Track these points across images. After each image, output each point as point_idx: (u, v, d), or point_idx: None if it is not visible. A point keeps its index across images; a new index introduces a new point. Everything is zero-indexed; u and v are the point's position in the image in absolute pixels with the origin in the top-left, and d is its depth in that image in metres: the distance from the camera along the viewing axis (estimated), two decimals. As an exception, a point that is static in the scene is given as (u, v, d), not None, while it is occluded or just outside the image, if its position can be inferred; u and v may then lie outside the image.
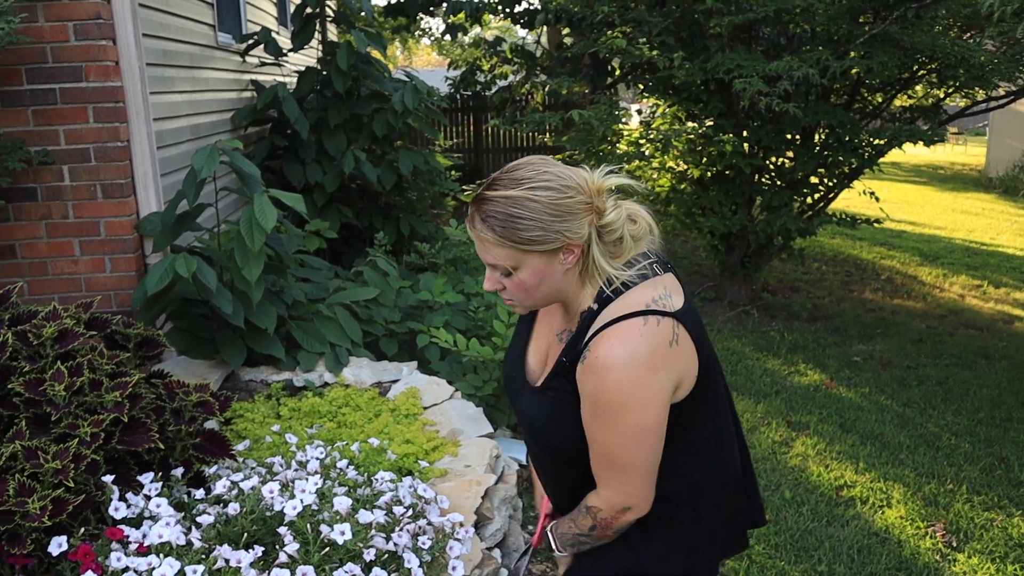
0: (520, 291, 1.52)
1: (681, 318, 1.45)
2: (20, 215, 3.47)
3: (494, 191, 1.46)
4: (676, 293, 1.50)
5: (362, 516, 2.01)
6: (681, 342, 1.44)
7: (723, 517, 1.66)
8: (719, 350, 5.86)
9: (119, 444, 2.17)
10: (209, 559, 1.93)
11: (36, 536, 1.92)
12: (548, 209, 1.42)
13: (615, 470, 1.50)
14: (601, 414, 1.45)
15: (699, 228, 6.75)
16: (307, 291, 3.94)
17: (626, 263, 1.50)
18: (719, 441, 1.63)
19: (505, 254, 1.46)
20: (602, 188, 1.48)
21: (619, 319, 1.44)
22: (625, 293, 1.47)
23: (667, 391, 1.45)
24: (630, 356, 1.41)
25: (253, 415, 3.08)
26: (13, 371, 2.21)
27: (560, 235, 1.43)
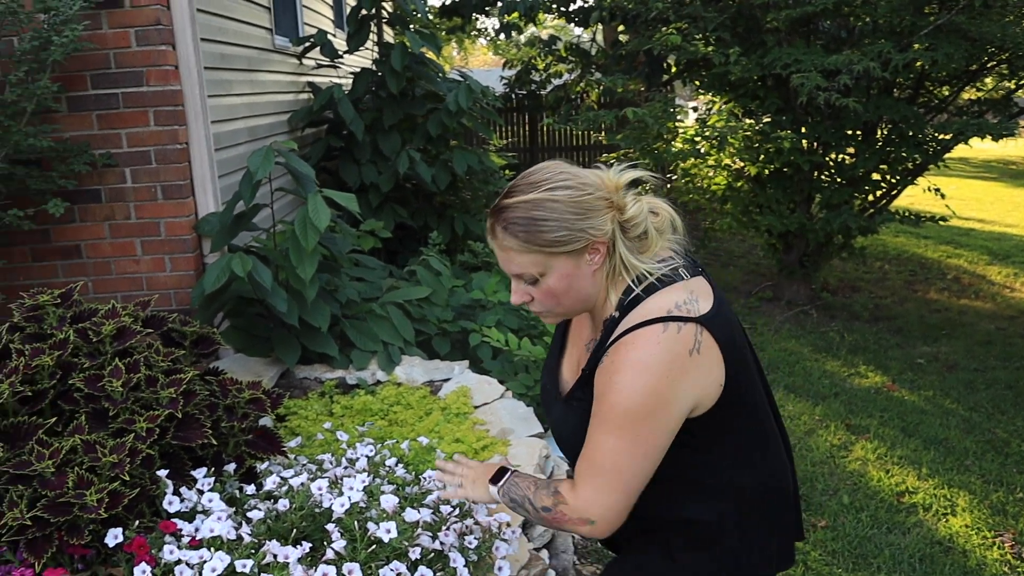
0: (549, 298, 1.50)
1: (706, 323, 1.41)
2: (85, 216, 3.57)
3: (512, 198, 1.44)
4: (704, 297, 1.45)
5: (408, 515, 2.02)
6: (704, 349, 1.40)
7: (774, 528, 1.61)
8: (776, 351, 5.76)
9: (173, 439, 2.22)
10: (258, 554, 1.95)
11: (93, 527, 1.97)
12: (570, 207, 1.41)
13: (600, 473, 1.44)
14: (605, 413, 1.42)
15: (756, 227, 6.64)
16: (361, 290, 3.98)
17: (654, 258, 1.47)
18: (765, 447, 1.58)
19: (531, 260, 1.44)
20: (619, 184, 1.46)
21: (639, 325, 1.40)
22: (646, 299, 1.44)
23: (681, 402, 1.41)
24: (646, 363, 1.38)
25: (306, 412, 3.12)
26: (74, 367, 2.28)
27: (584, 233, 1.41)
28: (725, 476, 1.53)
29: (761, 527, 1.58)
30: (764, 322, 6.43)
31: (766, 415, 1.60)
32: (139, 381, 2.25)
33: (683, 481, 1.52)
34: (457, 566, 2.03)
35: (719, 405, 1.45)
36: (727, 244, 9.16)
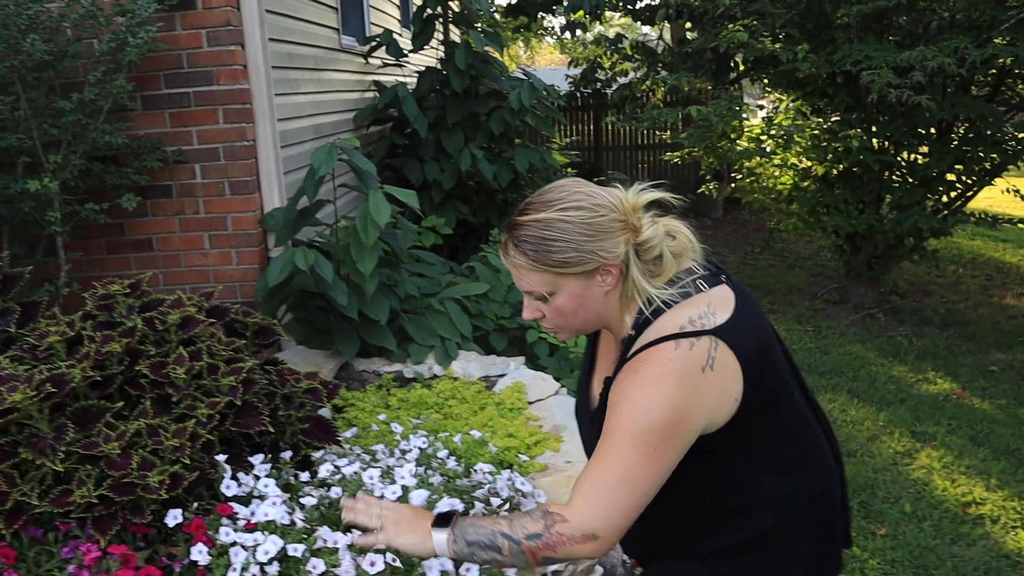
0: (559, 317, 1.48)
1: (722, 334, 1.38)
2: (156, 211, 3.71)
3: (525, 216, 1.44)
4: (723, 307, 1.42)
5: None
6: (718, 364, 1.37)
7: (818, 536, 1.56)
8: (840, 354, 5.65)
9: (232, 426, 2.29)
10: (310, 539, 2.01)
11: (155, 508, 2.05)
12: (580, 229, 1.39)
13: (606, 486, 1.38)
14: (617, 428, 1.38)
15: (823, 228, 6.51)
16: (420, 285, 4.04)
17: (669, 281, 1.45)
18: (804, 452, 1.54)
19: (540, 279, 1.43)
20: (637, 205, 1.45)
21: (652, 343, 1.39)
22: (662, 316, 1.41)
23: (695, 419, 1.38)
24: (658, 379, 1.36)
25: (363, 404, 3.18)
26: (141, 354, 2.37)
27: (595, 255, 1.40)
28: (760, 487, 1.49)
29: (804, 535, 1.54)
30: (829, 325, 6.30)
31: (801, 419, 1.55)
32: (201, 369, 2.33)
33: (718, 500, 1.50)
34: (502, 559, 2.04)
35: (741, 417, 1.42)
36: (793, 245, 9.00)
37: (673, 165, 8.97)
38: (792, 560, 1.53)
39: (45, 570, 1.99)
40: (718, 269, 1.52)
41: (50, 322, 2.47)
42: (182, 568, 2.01)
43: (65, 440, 2.08)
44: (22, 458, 2.06)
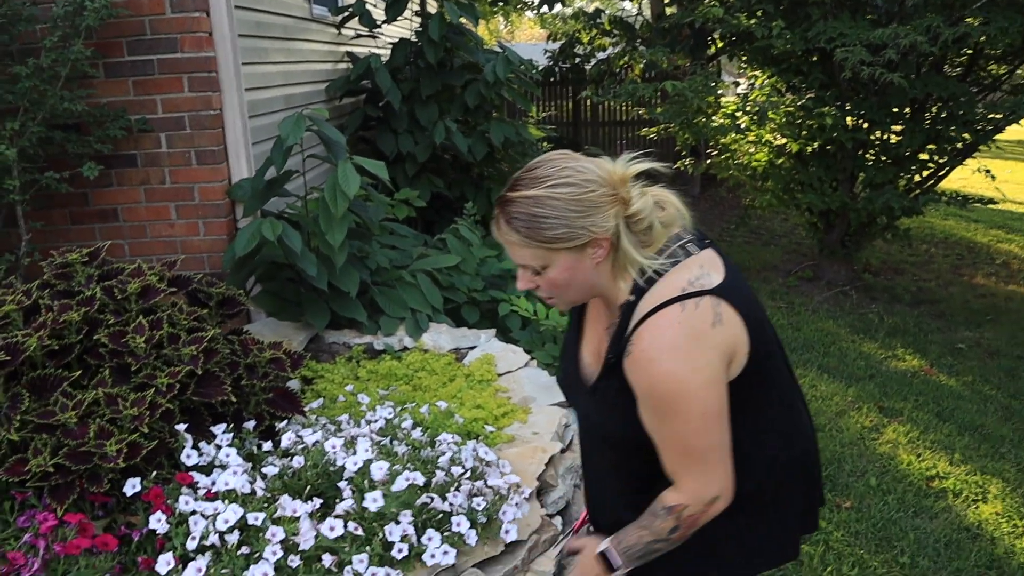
0: (553, 288, 1.50)
1: (722, 293, 1.42)
2: (122, 180, 3.64)
3: (516, 192, 1.45)
4: (714, 269, 1.46)
5: (397, 484, 2.03)
6: (725, 319, 1.41)
7: (803, 495, 1.65)
8: (812, 331, 5.69)
9: (194, 395, 2.27)
10: (271, 508, 2.00)
11: (113, 477, 2.03)
12: (570, 205, 1.40)
13: (693, 460, 1.46)
14: (661, 408, 1.42)
15: (797, 205, 6.54)
16: (392, 258, 4.01)
17: (659, 250, 1.47)
18: (791, 416, 1.61)
19: (532, 254, 1.45)
20: (626, 177, 1.45)
21: (657, 308, 1.41)
22: (660, 280, 1.44)
23: (720, 371, 1.42)
24: (674, 344, 1.39)
25: (333, 376, 3.16)
26: (100, 323, 2.34)
27: (585, 230, 1.41)
28: (756, 446, 1.55)
29: (793, 493, 1.62)
30: (802, 302, 6.34)
31: (788, 383, 1.62)
32: (162, 338, 2.30)
33: None
34: (461, 529, 2.05)
35: (745, 374, 1.46)
36: (768, 223, 9.03)
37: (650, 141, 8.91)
38: (779, 519, 1.61)
39: (0, 538, 1.96)
40: (702, 235, 1.55)
41: (6, 291, 2.43)
42: (141, 537, 1.99)
43: (20, 409, 2.05)
44: (-24, 427, 2.03)
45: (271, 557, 1.88)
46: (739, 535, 1.60)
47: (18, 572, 1.80)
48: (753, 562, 1.64)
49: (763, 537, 1.62)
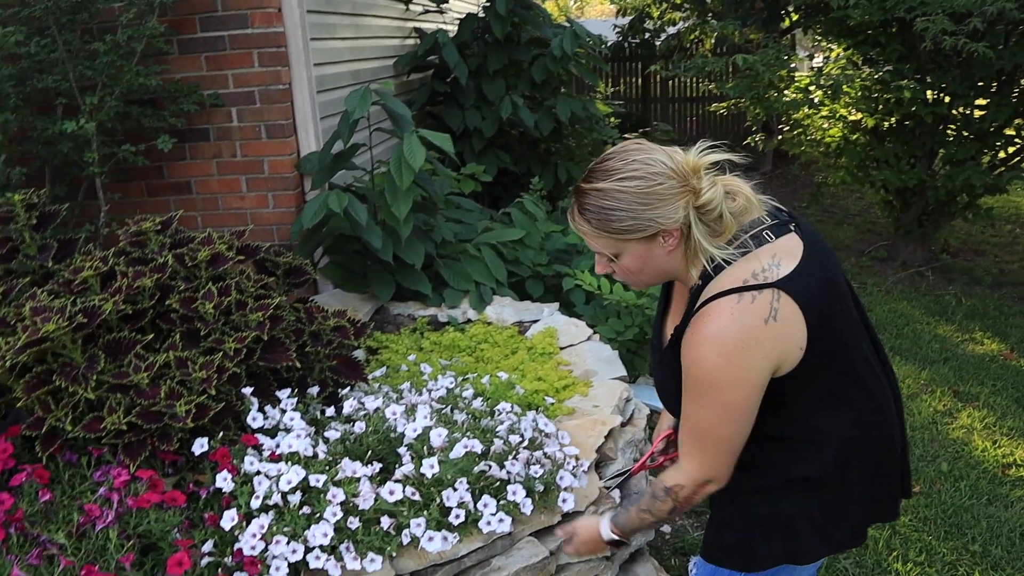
0: (627, 274, 1.57)
1: (786, 286, 1.43)
2: (195, 154, 3.74)
3: (588, 183, 1.50)
4: (788, 257, 1.47)
5: (455, 451, 2.05)
6: (781, 315, 1.42)
7: (875, 480, 1.62)
8: (885, 312, 5.52)
9: (260, 360, 2.32)
10: (332, 470, 2.04)
11: (182, 436, 2.10)
12: (637, 199, 1.44)
13: (702, 443, 1.53)
14: (692, 388, 1.48)
15: (872, 182, 6.33)
16: (457, 231, 4.03)
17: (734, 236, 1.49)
18: (866, 398, 1.58)
19: (604, 243, 1.52)
20: (698, 167, 1.47)
21: (715, 297, 1.44)
22: (726, 269, 1.47)
23: (760, 369, 1.44)
24: (720, 335, 1.42)
25: (397, 346, 3.20)
26: (171, 290, 2.41)
27: (653, 222, 1.46)
28: (821, 429, 1.55)
29: (861, 478, 1.60)
30: (875, 282, 6.16)
31: (866, 366, 1.59)
32: (230, 304, 2.36)
33: (780, 441, 1.56)
34: (517, 498, 2.06)
35: (806, 363, 1.46)
36: (841, 201, 8.78)
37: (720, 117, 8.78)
38: (849, 502, 1.60)
39: (78, 491, 2.05)
40: (789, 217, 1.56)
41: (85, 258, 2.51)
42: (207, 494, 2.06)
43: (96, 369, 2.13)
44: (56, 385, 2.12)
45: (331, 518, 1.92)
46: (809, 515, 1.59)
47: (93, 523, 1.88)
48: (824, 544, 1.63)
49: (831, 518, 1.60)
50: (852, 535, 1.64)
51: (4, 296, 2.40)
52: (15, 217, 2.58)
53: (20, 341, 2.10)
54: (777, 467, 1.59)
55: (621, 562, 2.48)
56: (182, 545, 1.86)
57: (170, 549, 1.88)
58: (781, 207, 1.59)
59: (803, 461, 1.56)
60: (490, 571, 2.13)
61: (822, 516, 1.59)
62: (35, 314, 2.18)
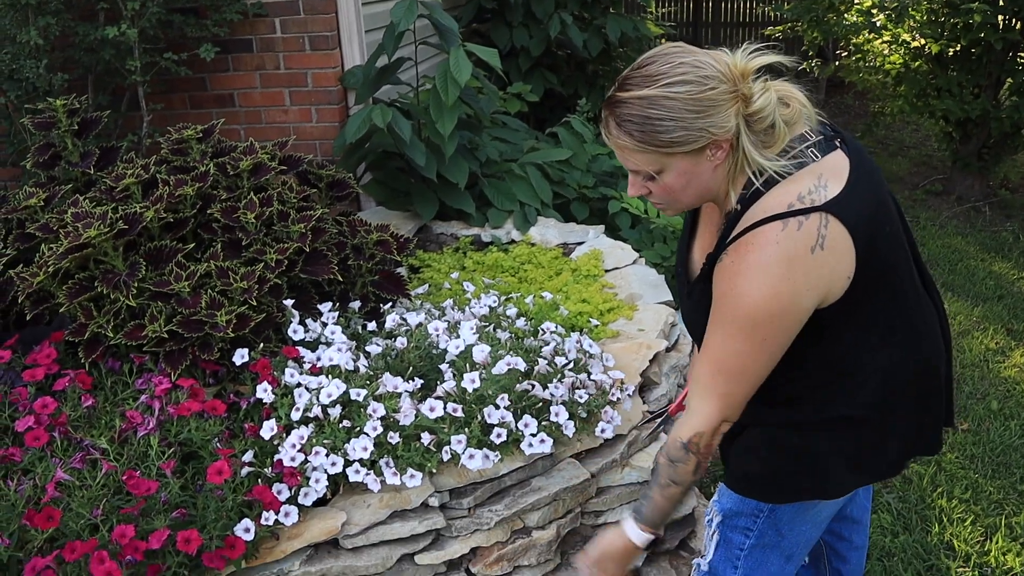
0: (667, 194, 1.41)
1: (834, 209, 1.28)
2: (238, 65, 3.64)
3: (627, 91, 1.31)
4: (835, 178, 1.32)
5: (497, 367, 1.99)
6: (829, 243, 1.28)
7: (919, 410, 1.52)
8: (938, 247, 5.32)
9: (301, 272, 2.27)
10: (372, 385, 2.00)
11: (223, 346, 2.07)
12: (688, 106, 1.27)
13: (727, 379, 1.41)
14: (725, 321, 1.36)
15: (932, 112, 6.03)
16: (502, 150, 3.92)
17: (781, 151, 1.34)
18: (913, 326, 1.46)
19: (646, 159, 1.34)
20: (747, 71, 1.31)
21: (758, 223, 1.30)
22: (768, 192, 1.32)
23: (804, 303, 1.31)
24: (764, 265, 1.29)
25: (439, 265, 3.15)
26: (213, 198, 2.35)
27: (704, 132, 1.29)
28: (864, 361, 1.44)
29: (904, 411, 1.49)
30: (928, 216, 5.93)
31: (913, 293, 1.47)
32: (271, 215, 2.30)
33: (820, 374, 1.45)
34: (560, 419, 2.00)
35: (852, 292, 1.34)
36: (897, 132, 8.45)
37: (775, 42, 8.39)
38: (890, 436, 1.50)
39: (120, 398, 2.03)
40: (834, 133, 1.41)
41: (127, 166, 2.46)
42: (248, 405, 2.03)
43: (138, 277, 2.10)
44: (98, 292, 2.09)
45: (371, 432, 1.89)
46: (843, 450, 1.50)
47: (135, 429, 1.86)
48: (855, 477, 1.55)
49: (868, 453, 1.51)
50: (888, 467, 1.56)
51: (46, 203, 2.36)
52: (57, 123, 2.53)
53: (62, 247, 2.07)
54: (815, 403, 1.48)
55: (662, 487, 2.43)
56: (223, 454, 1.84)
57: (210, 457, 1.86)
58: (825, 122, 1.43)
59: (843, 396, 1.46)
60: (530, 491, 2.10)
61: (858, 452, 1.50)
62: (77, 220, 2.14)
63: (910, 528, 2.75)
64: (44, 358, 2.02)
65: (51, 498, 1.67)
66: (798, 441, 1.51)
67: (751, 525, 1.61)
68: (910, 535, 2.71)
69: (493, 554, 2.04)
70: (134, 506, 1.70)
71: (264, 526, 1.82)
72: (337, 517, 1.90)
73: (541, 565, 2.10)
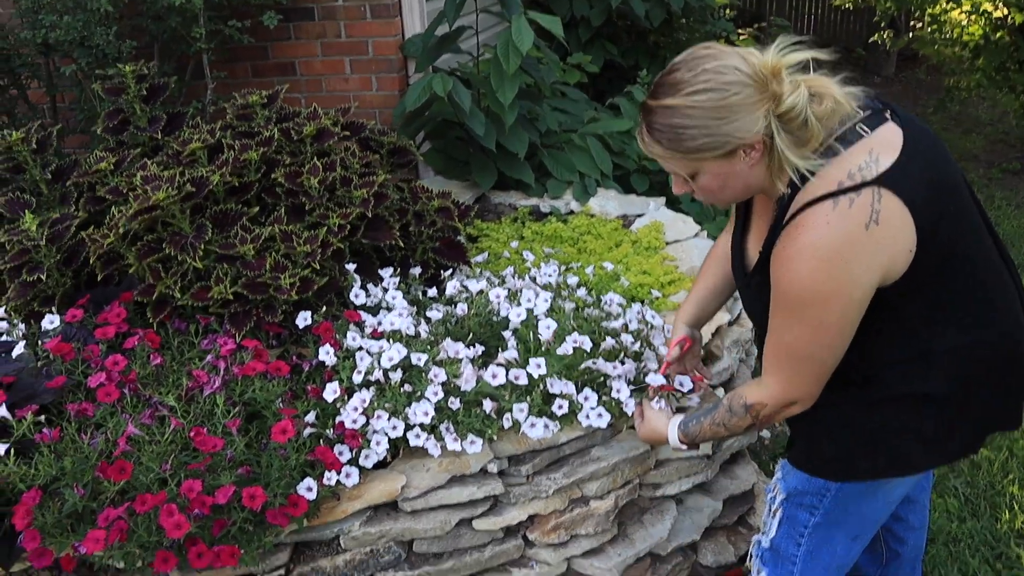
0: (707, 194, 1.45)
1: (887, 182, 1.28)
2: (299, 34, 3.68)
3: (655, 100, 1.37)
4: (887, 150, 1.31)
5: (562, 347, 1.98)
6: (884, 217, 1.27)
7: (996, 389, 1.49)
8: (1014, 227, 5.16)
9: (363, 238, 2.30)
10: (433, 350, 2.01)
11: (286, 309, 2.11)
12: (711, 113, 1.30)
13: (790, 362, 1.43)
14: (783, 305, 1.38)
15: (1012, 87, 5.83)
16: (562, 121, 3.90)
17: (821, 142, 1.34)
18: (989, 303, 1.43)
19: (679, 164, 1.40)
20: (779, 69, 1.31)
21: (808, 205, 1.30)
22: (818, 173, 1.32)
23: (862, 282, 1.31)
24: (816, 248, 1.29)
25: (498, 235, 3.15)
26: (277, 163, 2.39)
27: (730, 137, 1.32)
28: (936, 340, 1.42)
29: (983, 392, 1.48)
30: (1004, 196, 5.74)
31: (987, 266, 1.44)
32: (334, 180, 2.33)
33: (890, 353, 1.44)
34: (621, 396, 2.00)
35: (917, 268, 1.32)
36: (971, 108, 8.17)
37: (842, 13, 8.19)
38: (967, 414, 1.49)
39: (187, 358, 2.08)
40: (883, 106, 1.39)
41: (193, 131, 2.51)
42: (310, 368, 2.07)
43: (204, 239, 2.14)
44: (166, 254, 2.14)
45: (432, 397, 1.91)
46: (918, 429, 1.48)
47: (201, 388, 1.91)
48: (932, 458, 1.54)
49: (944, 431, 1.49)
50: (964, 447, 1.54)
51: (116, 166, 2.42)
52: (126, 88, 2.59)
53: (131, 209, 2.12)
54: (889, 381, 1.47)
55: (721, 462, 2.43)
56: (286, 414, 1.87)
57: (274, 417, 1.90)
58: (872, 96, 1.41)
59: (918, 374, 1.44)
60: (589, 461, 2.10)
61: (934, 431, 1.48)
62: (146, 183, 2.20)
63: (978, 514, 2.69)
64: (114, 317, 2.08)
65: (122, 452, 1.72)
66: (872, 420, 1.50)
67: (817, 503, 1.61)
68: (978, 521, 2.66)
69: (551, 522, 2.05)
70: (201, 462, 1.74)
71: (326, 486, 1.86)
72: (397, 480, 1.93)
73: (598, 535, 2.11)
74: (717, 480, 2.39)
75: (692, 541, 2.28)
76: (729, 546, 2.36)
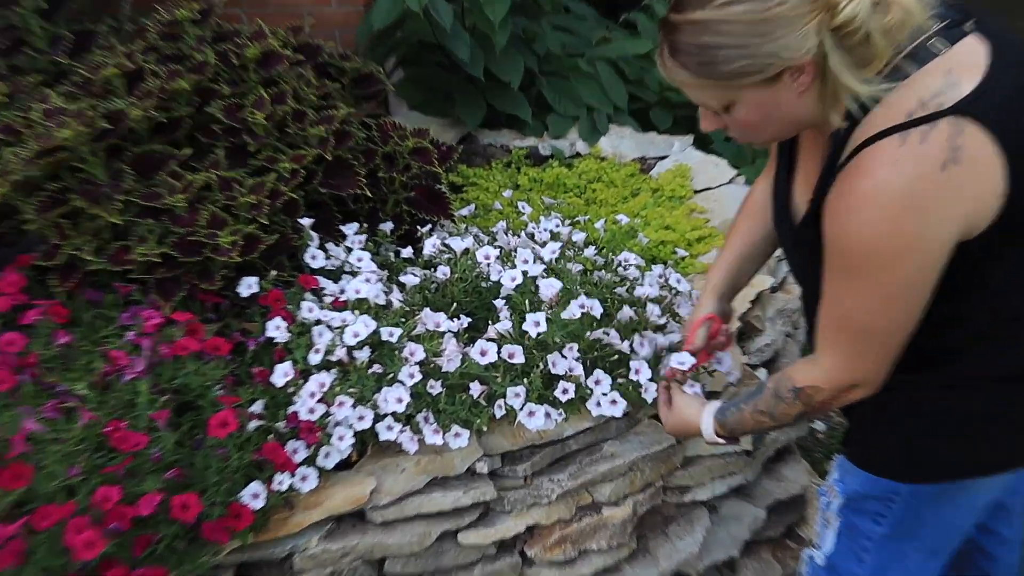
0: (744, 129, 1.43)
1: (970, 109, 1.23)
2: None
3: (680, 14, 1.32)
4: (968, 72, 1.27)
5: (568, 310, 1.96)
6: (965, 155, 1.23)
7: None
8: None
9: (321, 186, 2.28)
10: (409, 323, 1.99)
11: (226, 273, 2.09)
12: (750, 28, 1.26)
13: (848, 336, 1.42)
14: (840, 267, 1.37)
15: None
16: (566, 42, 3.87)
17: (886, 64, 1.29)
18: None
19: (710, 94, 1.37)
20: None
21: (870, 141, 1.27)
22: (882, 100, 1.29)
23: (938, 236, 1.28)
24: (880, 194, 1.26)
25: (487, 183, 3.12)
26: (213, 94, 2.35)
27: (775, 57, 1.27)
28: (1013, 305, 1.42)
29: None
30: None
31: None
32: (285, 115, 2.30)
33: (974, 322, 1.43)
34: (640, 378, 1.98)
35: (1008, 216, 1.29)
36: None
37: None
38: None
39: (102, 336, 2.05)
40: (964, 15, 1.35)
41: (106, 54, 2.45)
42: (256, 346, 2.04)
43: (123, 188, 2.10)
44: (75, 207, 2.10)
45: (407, 380, 1.90)
46: (1008, 415, 1.49)
47: (120, 373, 1.88)
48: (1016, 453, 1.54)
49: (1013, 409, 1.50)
50: None
51: (10, 98, 2.37)
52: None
53: (30, 151, 2.07)
54: (975, 358, 1.47)
55: (764, 460, 2.42)
56: (226, 403, 1.86)
57: (211, 408, 1.88)
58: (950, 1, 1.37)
59: (1011, 349, 1.44)
60: (600, 458, 2.10)
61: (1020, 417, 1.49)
62: (47, 117, 2.14)
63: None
64: (8, 286, 2.03)
65: (19, 453, 1.68)
66: (951, 405, 1.49)
67: (883, 510, 1.61)
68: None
69: (554, 534, 2.05)
70: (119, 464, 1.71)
71: (276, 492, 1.84)
72: (364, 484, 1.92)
73: (613, 550, 2.12)
74: (759, 482, 2.39)
75: (729, 558, 2.28)
76: (775, 564, 2.37)
